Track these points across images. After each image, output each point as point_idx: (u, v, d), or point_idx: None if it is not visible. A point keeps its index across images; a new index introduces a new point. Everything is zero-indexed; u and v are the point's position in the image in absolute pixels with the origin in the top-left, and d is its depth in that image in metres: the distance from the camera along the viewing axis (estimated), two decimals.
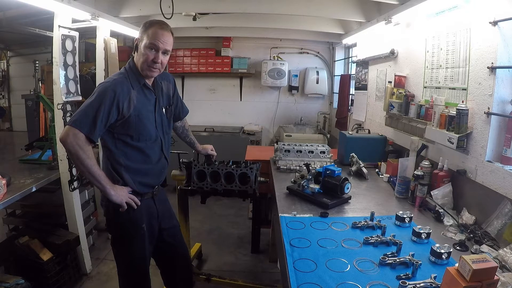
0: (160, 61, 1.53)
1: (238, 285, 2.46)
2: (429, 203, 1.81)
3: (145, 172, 1.64)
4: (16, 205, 2.76)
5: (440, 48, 2.07)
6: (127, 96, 1.50)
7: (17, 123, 6.97)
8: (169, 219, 1.86)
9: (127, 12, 3.09)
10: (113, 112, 1.46)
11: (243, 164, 2.18)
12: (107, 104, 1.44)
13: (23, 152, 2.94)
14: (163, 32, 1.51)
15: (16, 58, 6.79)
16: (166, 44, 1.53)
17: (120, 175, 1.58)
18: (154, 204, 1.72)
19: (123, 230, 1.65)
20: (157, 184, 1.74)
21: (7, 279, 2.10)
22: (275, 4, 3.03)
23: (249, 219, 3.50)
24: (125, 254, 1.69)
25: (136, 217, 1.63)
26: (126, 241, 1.66)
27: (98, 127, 1.44)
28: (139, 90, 1.57)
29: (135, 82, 1.56)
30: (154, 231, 1.74)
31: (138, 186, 1.62)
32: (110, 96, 1.45)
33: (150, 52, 1.51)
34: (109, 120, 1.46)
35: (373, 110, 3.20)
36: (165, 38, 1.52)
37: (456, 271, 0.94)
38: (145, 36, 1.51)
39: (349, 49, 4.71)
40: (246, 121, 5.22)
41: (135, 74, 1.57)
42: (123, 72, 1.58)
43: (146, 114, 1.58)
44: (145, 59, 1.51)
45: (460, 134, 1.75)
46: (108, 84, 1.49)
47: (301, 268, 1.23)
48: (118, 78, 1.53)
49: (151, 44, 1.50)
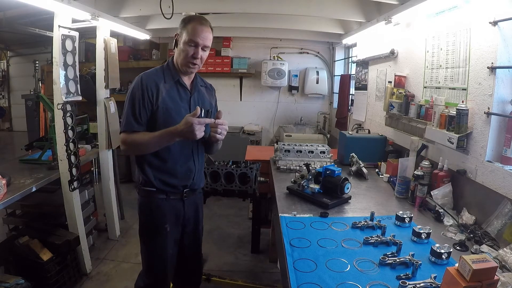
0: (199, 56, 1.52)
1: (238, 285, 2.46)
2: (429, 203, 1.81)
3: (168, 171, 1.59)
4: (16, 205, 2.76)
5: (440, 48, 2.07)
6: (155, 87, 1.51)
7: (17, 123, 6.97)
8: (195, 225, 1.79)
9: (127, 12, 3.09)
10: (146, 100, 1.50)
11: (243, 164, 2.19)
12: (139, 95, 1.49)
13: (23, 152, 2.94)
14: (203, 28, 1.50)
15: (16, 58, 6.79)
16: (205, 40, 1.51)
17: (143, 170, 1.58)
18: (182, 206, 1.67)
19: (146, 225, 1.66)
20: (184, 186, 1.65)
21: (7, 279, 2.10)
22: (275, 4, 3.03)
23: (249, 219, 3.49)
24: (146, 251, 1.69)
25: (159, 216, 1.61)
26: (147, 237, 1.66)
27: (143, 120, 1.51)
28: (172, 85, 1.57)
29: (169, 77, 1.57)
30: (177, 234, 1.70)
31: (159, 183, 1.58)
32: (139, 87, 1.50)
33: (190, 48, 1.50)
34: (148, 108, 1.51)
35: (373, 110, 3.20)
36: (205, 34, 1.50)
37: (456, 271, 0.94)
38: (184, 32, 1.50)
39: (349, 49, 4.71)
40: (246, 121, 5.22)
41: (171, 70, 1.59)
42: (159, 67, 1.60)
43: (177, 109, 1.55)
44: (185, 55, 1.51)
45: (460, 134, 1.75)
46: (138, 79, 1.53)
47: (301, 268, 1.23)
48: (150, 71, 1.57)
49: (191, 40, 1.49)
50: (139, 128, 1.51)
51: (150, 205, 1.61)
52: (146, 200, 1.63)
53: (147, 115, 1.52)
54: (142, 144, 1.49)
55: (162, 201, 1.61)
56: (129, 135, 1.51)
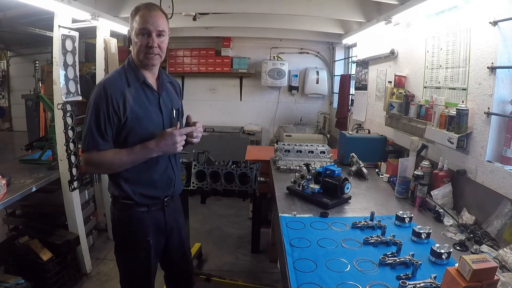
0: (156, 45, 1.38)
1: (238, 285, 2.46)
2: (429, 203, 1.81)
3: (148, 182, 1.47)
4: (16, 205, 2.76)
5: (440, 48, 2.07)
6: (121, 96, 1.36)
7: (17, 123, 6.98)
8: (178, 234, 1.69)
9: (127, 12, 3.08)
10: (112, 115, 1.34)
11: (243, 164, 2.19)
12: (104, 108, 1.33)
13: (23, 152, 2.94)
14: (151, 13, 1.37)
15: (16, 58, 6.80)
16: (157, 25, 1.37)
17: (119, 186, 1.44)
18: (163, 216, 1.56)
19: (126, 241, 1.52)
20: (165, 196, 1.55)
21: (7, 279, 2.10)
22: (275, 4, 3.03)
23: (249, 219, 3.49)
24: (126, 265, 1.57)
25: (141, 229, 1.50)
26: (128, 252, 1.53)
27: (109, 135, 1.36)
28: (138, 89, 1.42)
29: (133, 80, 1.42)
30: (160, 245, 1.60)
31: (140, 197, 1.46)
32: (102, 98, 1.34)
33: (143, 38, 1.37)
34: (113, 123, 1.36)
35: (373, 110, 3.20)
36: (154, 19, 1.36)
37: (456, 271, 0.94)
38: (134, 23, 1.38)
39: (349, 49, 4.71)
40: (246, 121, 5.21)
41: (134, 70, 1.43)
42: (119, 69, 1.45)
43: (148, 116, 1.42)
44: (139, 46, 1.38)
45: (460, 134, 1.75)
46: (100, 88, 1.36)
47: (301, 268, 1.23)
48: (111, 77, 1.41)
49: (141, 29, 1.36)
50: (105, 145, 1.35)
51: (130, 219, 1.48)
52: (125, 213, 1.49)
53: (112, 130, 1.36)
54: (113, 164, 1.37)
55: (142, 214, 1.49)
56: (94, 154, 1.34)
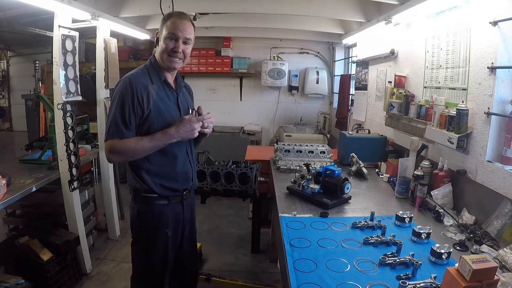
0: (180, 50, 1.49)
1: (238, 285, 2.46)
2: (429, 203, 1.81)
3: (168, 175, 1.56)
4: (16, 205, 2.76)
5: (440, 48, 2.07)
6: (145, 90, 1.46)
7: (17, 123, 6.97)
8: (191, 227, 1.78)
9: (127, 12, 3.09)
10: (136, 106, 1.44)
11: (243, 164, 2.19)
12: (129, 99, 1.43)
13: (23, 152, 2.94)
14: (182, 21, 1.48)
15: (16, 58, 6.78)
16: (185, 32, 1.48)
17: (141, 177, 1.52)
18: (182, 209, 1.65)
19: (147, 233, 1.58)
20: (184, 189, 1.64)
21: (7, 279, 2.10)
22: (275, 4, 3.03)
23: (249, 219, 3.50)
24: (144, 257, 1.62)
25: (161, 222, 1.57)
26: (147, 244, 1.59)
27: (132, 125, 1.45)
28: (160, 86, 1.53)
29: (156, 78, 1.52)
30: (177, 237, 1.67)
31: (160, 189, 1.54)
32: (128, 91, 1.43)
33: (170, 42, 1.48)
34: (137, 114, 1.45)
35: (373, 110, 3.20)
36: (184, 27, 1.48)
37: (456, 271, 0.94)
38: (164, 28, 1.49)
39: (349, 49, 4.71)
40: (246, 121, 5.22)
41: (156, 69, 1.54)
42: (142, 67, 1.55)
43: (168, 111, 1.53)
44: (164, 48, 1.48)
45: (460, 134, 1.75)
46: (126, 81, 1.46)
47: (301, 268, 1.23)
48: (135, 73, 1.50)
49: (170, 34, 1.47)
50: (128, 134, 1.45)
51: (152, 212, 1.56)
52: (147, 207, 1.57)
53: (136, 120, 1.46)
54: (136, 150, 1.45)
55: (163, 207, 1.57)
56: (118, 141, 1.43)
